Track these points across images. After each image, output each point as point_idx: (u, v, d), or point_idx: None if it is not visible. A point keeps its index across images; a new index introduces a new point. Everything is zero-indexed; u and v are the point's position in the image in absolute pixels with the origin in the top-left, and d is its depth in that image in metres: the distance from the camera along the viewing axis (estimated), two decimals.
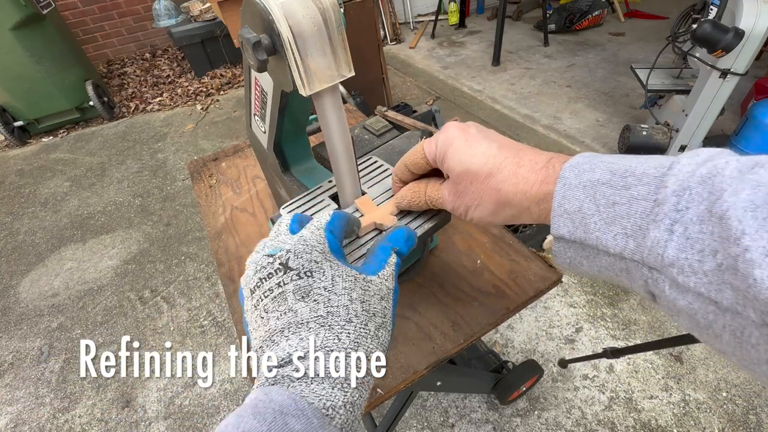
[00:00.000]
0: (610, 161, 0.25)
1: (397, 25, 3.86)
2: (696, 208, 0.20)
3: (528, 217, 0.30)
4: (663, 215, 0.21)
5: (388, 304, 0.30)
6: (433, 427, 1.22)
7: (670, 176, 0.21)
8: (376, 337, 0.28)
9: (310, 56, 0.33)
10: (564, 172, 0.26)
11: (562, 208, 0.26)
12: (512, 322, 1.45)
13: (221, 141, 2.74)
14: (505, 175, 0.30)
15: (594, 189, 0.24)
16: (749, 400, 1.19)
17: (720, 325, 0.19)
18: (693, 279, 0.19)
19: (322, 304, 0.27)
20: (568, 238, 0.26)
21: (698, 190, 0.20)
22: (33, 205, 2.36)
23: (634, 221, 0.22)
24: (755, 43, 1.47)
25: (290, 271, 0.27)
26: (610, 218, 0.23)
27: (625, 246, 0.22)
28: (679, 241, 0.20)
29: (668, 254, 0.20)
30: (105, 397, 1.39)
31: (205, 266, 1.83)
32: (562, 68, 2.99)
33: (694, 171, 0.21)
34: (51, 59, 2.67)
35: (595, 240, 0.24)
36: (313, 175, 0.59)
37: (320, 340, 0.26)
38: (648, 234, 0.21)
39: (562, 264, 0.28)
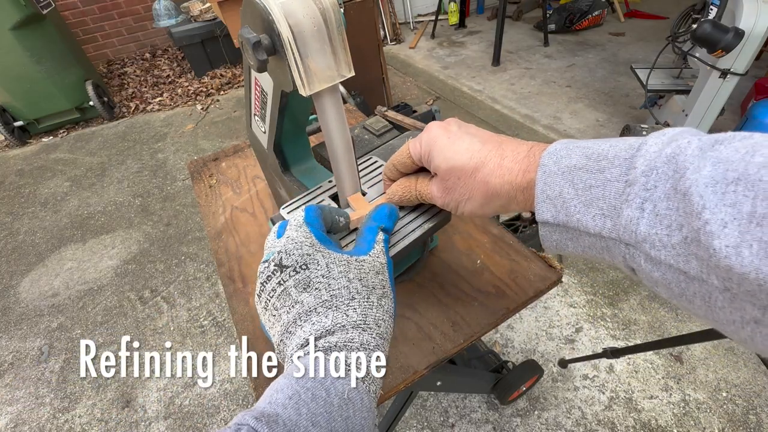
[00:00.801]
0: (584, 146, 0.26)
1: (397, 25, 3.86)
2: (663, 186, 0.21)
3: (515, 205, 0.31)
4: (634, 195, 0.22)
5: (384, 276, 0.32)
6: (433, 427, 1.22)
7: (639, 157, 0.23)
8: (380, 306, 0.30)
9: (310, 56, 0.33)
10: (543, 159, 0.28)
11: (545, 194, 0.27)
12: (512, 322, 1.45)
13: (221, 141, 2.74)
14: (491, 168, 0.31)
15: (572, 174, 0.26)
16: (749, 400, 1.19)
17: (691, 292, 0.21)
18: (663, 252, 0.21)
19: (324, 290, 0.29)
20: (552, 222, 0.27)
21: (664, 169, 0.21)
22: (33, 205, 2.36)
23: (609, 202, 0.24)
24: (755, 43, 1.47)
25: (286, 269, 0.30)
26: (588, 201, 0.25)
27: (603, 226, 0.24)
28: (649, 218, 0.21)
29: (640, 231, 0.22)
30: (105, 397, 1.39)
31: (205, 266, 1.83)
32: (562, 68, 2.99)
33: (660, 151, 0.22)
34: (51, 59, 2.67)
35: (576, 222, 0.25)
36: (313, 175, 0.59)
37: (330, 320, 0.28)
38: (622, 213, 0.23)
39: (550, 247, 0.29)
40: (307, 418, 0.24)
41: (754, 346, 0.20)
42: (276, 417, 0.23)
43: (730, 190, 0.18)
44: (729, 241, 0.18)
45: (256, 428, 0.22)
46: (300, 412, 0.24)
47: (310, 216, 0.33)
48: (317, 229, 0.32)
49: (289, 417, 0.24)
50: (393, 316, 0.32)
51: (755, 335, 0.19)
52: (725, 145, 0.20)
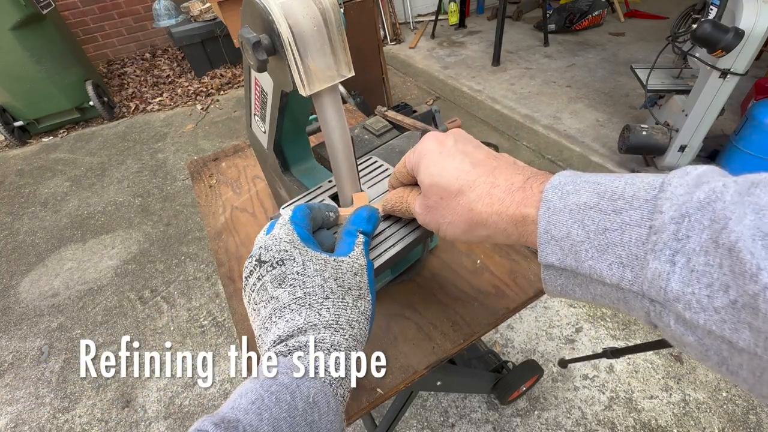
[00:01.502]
0: (595, 181, 0.24)
1: (397, 25, 3.86)
2: (698, 237, 0.18)
3: (504, 238, 0.29)
4: (662, 244, 0.19)
5: (362, 278, 0.31)
6: (433, 427, 1.22)
7: (664, 200, 0.20)
8: (355, 308, 0.30)
9: (310, 56, 0.33)
10: (547, 194, 0.25)
11: (549, 234, 0.24)
12: (512, 322, 1.45)
13: (221, 141, 2.74)
14: (478, 194, 0.29)
15: (581, 213, 0.23)
16: (749, 400, 1.19)
17: (736, 363, 0.18)
18: (702, 316, 0.18)
19: (298, 287, 0.29)
20: (558, 266, 0.24)
21: (698, 217, 0.19)
22: (33, 205, 2.36)
23: (629, 250, 0.21)
24: (755, 43, 1.47)
25: (264, 264, 0.30)
26: (603, 246, 0.22)
27: (622, 276, 0.21)
28: (683, 273, 0.18)
29: (672, 288, 0.19)
30: (105, 397, 1.39)
31: (205, 266, 1.83)
32: (562, 68, 2.99)
33: (690, 194, 0.19)
34: (51, 59, 2.67)
35: (588, 269, 0.23)
36: (313, 175, 0.59)
37: (303, 318, 0.28)
38: (647, 264, 0.20)
39: (553, 291, 0.27)
40: (268, 423, 0.23)
41: None
42: (236, 423, 0.23)
43: None
44: None
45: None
46: (262, 417, 0.24)
47: (296, 215, 0.33)
48: (301, 228, 0.32)
49: (250, 422, 0.23)
50: (370, 318, 0.31)
51: None
52: (763, 188, 0.17)
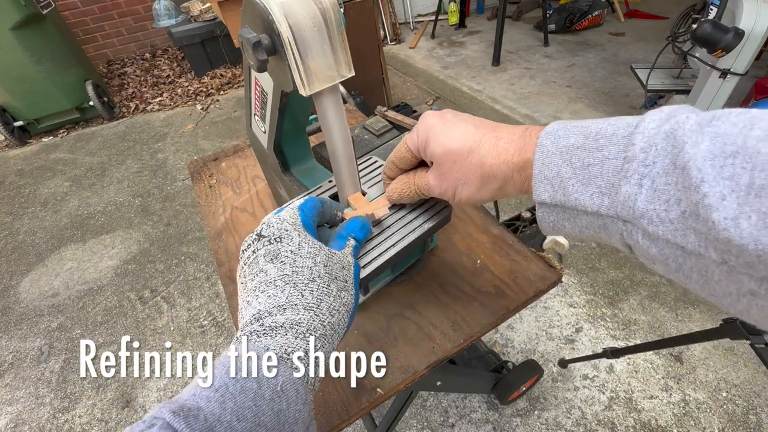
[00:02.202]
0: (582, 125, 0.26)
1: (397, 25, 3.86)
2: (662, 162, 0.21)
3: (512, 187, 0.31)
4: (632, 171, 0.22)
5: (349, 273, 0.32)
6: (433, 427, 1.21)
7: (637, 134, 0.23)
8: (338, 297, 0.31)
9: (310, 56, 0.33)
10: (541, 140, 0.28)
11: (542, 174, 0.27)
12: (512, 322, 1.45)
13: (221, 141, 2.74)
14: (486, 149, 0.31)
15: (570, 153, 0.26)
16: (749, 400, 1.19)
17: (688, 267, 0.21)
18: (661, 227, 0.21)
19: (288, 265, 0.30)
20: (550, 202, 0.27)
21: (663, 145, 0.21)
22: (33, 205, 2.36)
23: (607, 179, 0.24)
24: (755, 43, 1.47)
25: (263, 239, 0.31)
26: (586, 179, 0.25)
27: (601, 203, 0.24)
28: (647, 193, 0.21)
29: (638, 206, 0.22)
30: (105, 397, 1.39)
31: (205, 266, 1.83)
32: (562, 68, 2.99)
33: (659, 127, 0.22)
34: (51, 59, 2.67)
35: (574, 201, 0.25)
36: (313, 175, 0.59)
37: (285, 296, 0.28)
38: (620, 190, 0.23)
39: (546, 228, 0.29)
40: (232, 412, 0.23)
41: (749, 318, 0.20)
42: (197, 411, 0.22)
43: (729, 163, 0.18)
44: (727, 213, 0.18)
45: (172, 423, 0.21)
46: (225, 405, 0.23)
47: (306, 204, 0.34)
48: (306, 215, 0.33)
49: (212, 411, 0.22)
50: (350, 313, 0.32)
51: (751, 307, 0.19)
52: (723, 120, 0.20)
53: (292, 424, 0.25)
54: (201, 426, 0.22)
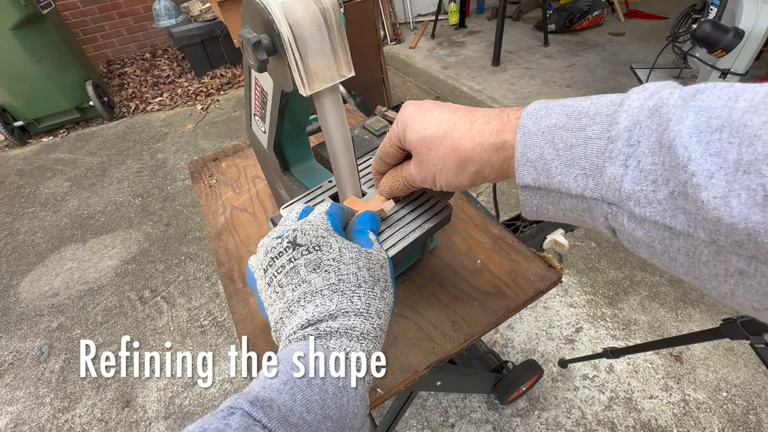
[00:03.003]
0: (564, 104, 0.26)
1: (397, 25, 3.86)
2: (647, 141, 0.20)
3: (490, 169, 0.30)
4: (617, 151, 0.21)
5: (387, 271, 0.32)
6: (433, 427, 1.21)
7: (621, 113, 0.22)
8: (383, 299, 0.31)
9: (310, 56, 0.33)
10: (522, 120, 0.27)
11: (525, 156, 0.26)
12: (512, 322, 1.45)
13: (221, 141, 2.74)
14: (461, 133, 0.30)
15: (552, 134, 0.25)
16: (749, 400, 1.19)
17: (675, 248, 0.21)
18: (648, 209, 0.20)
19: (333, 273, 0.29)
20: (533, 185, 0.26)
21: (647, 123, 0.21)
22: (33, 205, 2.36)
23: (591, 161, 0.23)
24: (755, 43, 1.47)
25: (300, 247, 0.30)
26: (570, 160, 0.24)
27: (585, 185, 0.23)
28: (634, 174, 0.21)
29: (625, 188, 0.21)
30: (105, 397, 1.39)
31: (205, 266, 1.83)
32: (562, 68, 2.99)
33: (642, 105, 0.21)
34: (51, 59, 2.67)
35: (558, 184, 0.25)
36: (313, 175, 0.59)
37: (335, 304, 0.28)
38: (605, 171, 0.22)
39: (530, 212, 0.29)
40: (302, 404, 0.24)
41: (734, 300, 0.20)
42: (270, 402, 0.23)
43: (715, 138, 0.17)
44: (716, 191, 0.17)
45: (251, 413, 0.22)
46: (295, 398, 0.24)
47: (333, 208, 0.34)
48: (336, 220, 0.33)
49: (284, 402, 0.23)
50: (392, 310, 0.32)
51: (737, 288, 0.19)
52: (707, 93, 0.19)
53: (352, 418, 0.26)
54: (277, 416, 0.22)
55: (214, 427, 0.21)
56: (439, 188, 0.35)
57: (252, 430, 0.21)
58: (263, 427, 0.22)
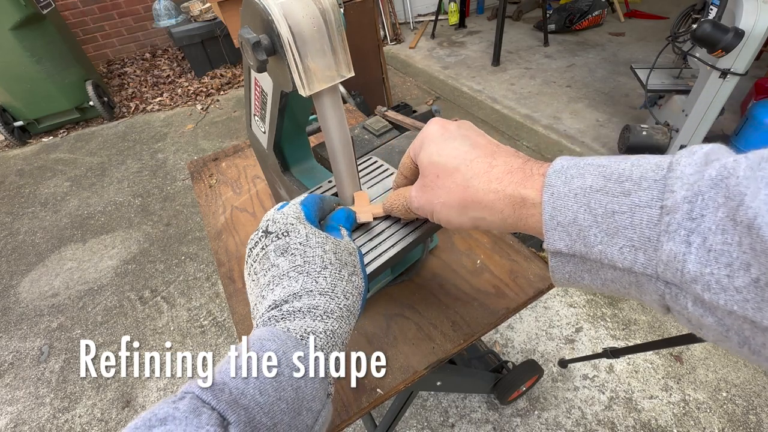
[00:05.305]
0: (599, 164, 0.23)
1: (397, 25, 3.86)
2: (713, 216, 0.18)
3: (499, 220, 0.28)
4: (676, 225, 0.19)
5: (356, 259, 0.33)
6: (433, 427, 1.22)
7: (674, 179, 0.19)
8: (350, 281, 0.31)
9: (309, 56, 0.33)
10: (549, 179, 0.24)
11: (555, 220, 0.24)
12: (512, 322, 1.45)
13: (221, 141, 2.74)
14: (475, 172, 0.28)
15: (587, 197, 0.22)
16: (749, 400, 1.19)
17: (759, 342, 0.18)
18: (723, 296, 0.18)
19: (299, 256, 0.30)
20: (567, 252, 0.24)
21: (711, 195, 0.18)
22: (33, 205, 2.36)
23: (641, 232, 0.20)
24: (755, 43, 1.47)
25: (270, 235, 0.32)
26: (612, 229, 0.21)
27: (635, 260, 0.21)
28: (700, 253, 0.18)
29: (689, 269, 0.18)
30: (105, 397, 1.39)
31: (205, 266, 1.82)
32: (562, 68, 2.99)
33: (701, 172, 0.19)
34: (51, 59, 2.67)
35: (599, 254, 0.22)
36: (313, 175, 0.59)
37: (300, 284, 0.29)
38: (661, 246, 0.19)
39: (560, 279, 0.26)
40: (254, 387, 0.24)
41: None
42: (223, 385, 0.23)
43: None
44: None
45: (201, 396, 0.22)
46: (248, 381, 0.24)
47: (307, 200, 0.35)
48: (309, 210, 0.34)
49: (236, 386, 0.24)
50: (362, 295, 0.33)
51: None
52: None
53: (310, 400, 0.26)
54: (227, 398, 0.23)
55: (164, 411, 0.21)
56: (435, 221, 0.33)
57: (200, 411, 0.21)
58: (212, 409, 0.22)
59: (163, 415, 0.21)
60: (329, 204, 0.39)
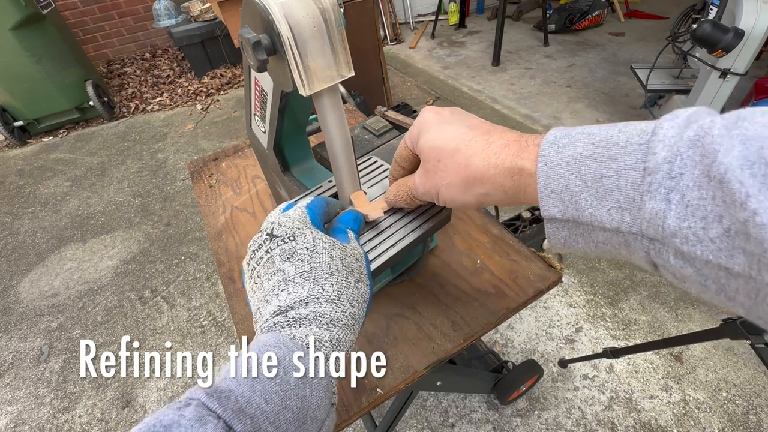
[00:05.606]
0: (588, 132, 0.25)
1: (397, 25, 3.86)
2: (690, 173, 0.19)
3: (501, 193, 0.29)
4: (657, 184, 0.20)
5: (362, 265, 0.33)
6: (433, 427, 1.21)
7: (656, 142, 0.21)
8: (356, 289, 0.31)
9: (310, 56, 0.33)
10: (543, 149, 0.26)
11: (549, 188, 0.25)
12: (512, 322, 1.45)
13: (221, 141, 2.74)
14: (474, 150, 0.30)
15: (578, 164, 0.24)
16: (749, 400, 1.19)
17: (732, 288, 0.19)
18: (699, 247, 0.19)
19: (305, 262, 0.30)
20: (560, 217, 0.25)
21: (689, 154, 0.19)
22: (33, 205, 2.36)
23: (626, 193, 0.22)
24: (755, 43, 1.47)
25: (276, 238, 0.31)
26: (601, 193, 0.23)
27: (622, 220, 0.22)
28: (678, 209, 0.19)
29: (669, 224, 0.20)
30: (105, 397, 1.39)
31: (205, 266, 1.82)
32: (562, 68, 2.99)
33: (681, 134, 0.20)
34: (51, 59, 2.67)
35: (589, 217, 0.23)
36: (313, 175, 0.59)
37: (306, 291, 0.29)
38: (644, 205, 0.21)
39: (557, 244, 0.27)
40: (260, 395, 0.24)
41: None
42: (229, 393, 0.23)
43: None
44: None
45: (207, 403, 0.22)
46: (254, 389, 0.24)
47: (313, 203, 0.35)
48: (314, 213, 0.33)
49: (242, 393, 0.23)
50: (367, 302, 0.32)
51: None
52: (749, 121, 0.18)
53: (315, 409, 0.26)
54: (233, 406, 0.22)
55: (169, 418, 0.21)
56: (442, 203, 0.34)
57: (205, 419, 0.21)
58: (217, 417, 0.22)
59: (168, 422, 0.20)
60: (334, 208, 0.38)
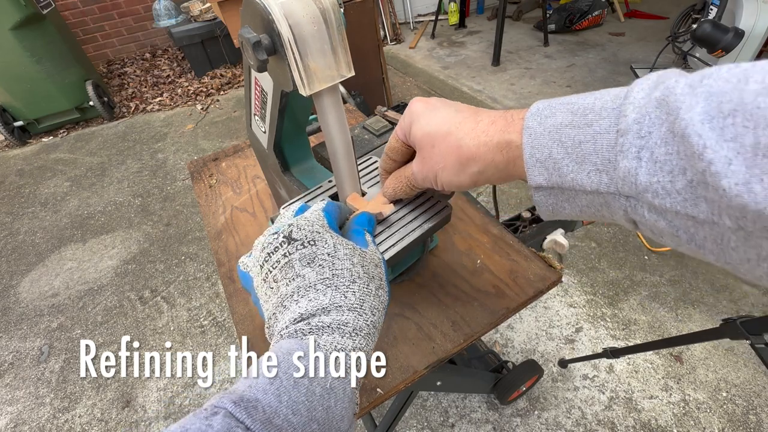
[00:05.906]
0: (568, 102, 0.26)
1: (397, 25, 3.86)
2: (658, 131, 0.20)
3: (493, 169, 0.30)
4: (628, 144, 0.21)
5: (381, 271, 0.32)
6: (433, 427, 1.21)
7: (627, 105, 0.22)
8: (377, 296, 0.30)
9: (310, 56, 0.33)
10: (527, 121, 0.27)
11: (534, 158, 0.26)
12: (512, 322, 1.45)
13: (221, 141, 2.74)
14: (465, 131, 0.31)
15: (559, 132, 0.25)
16: (749, 400, 1.19)
17: (701, 236, 0.20)
18: (668, 200, 0.20)
19: (327, 268, 0.29)
20: (546, 185, 0.26)
21: (656, 114, 0.20)
22: (33, 205, 2.36)
23: (602, 156, 0.23)
24: (755, 43, 1.47)
25: (295, 242, 0.30)
26: (580, 157, 0.24)
27: (600, 181, 0.23)
28: (648, 165, 0.21)
29: (640, 180, 0.21)
30: (105, 397, 1.39)
31: (205, 266, 1.83)
32: (562, 68, 2.99)
33: (649, 95, 0.21)
34: (51, 59, 2.67)
35: (571, 182, 0.25)
36: (313, 175, 0.59)
37: (328, 299, 0.28)
38: (618, 165, 0.22)
39: (545, 212, 0.29)
40: (287, 406, 0.23)
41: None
42: (255, 402, 0.23)
43: (729, 123, 0.17)
44: (737, 178, 0.17)
45: (235, 413, 0.22)
46: (281, 399, 0.23)
47: (330, 206, 0.34)
48: (332, 218, 0.33)
49: (269, 403, 0.23)
50: (386, 309, 0.32)
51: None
52: (714, 77, 0.18)
53: (339, 420, 0.25)
54: (261, 417, 0.22)
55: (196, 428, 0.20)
56: (440, 187, 0.34)
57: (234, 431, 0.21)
58: (246, 428, 0.21)
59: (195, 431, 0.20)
60: (345, 211, 0.38)
